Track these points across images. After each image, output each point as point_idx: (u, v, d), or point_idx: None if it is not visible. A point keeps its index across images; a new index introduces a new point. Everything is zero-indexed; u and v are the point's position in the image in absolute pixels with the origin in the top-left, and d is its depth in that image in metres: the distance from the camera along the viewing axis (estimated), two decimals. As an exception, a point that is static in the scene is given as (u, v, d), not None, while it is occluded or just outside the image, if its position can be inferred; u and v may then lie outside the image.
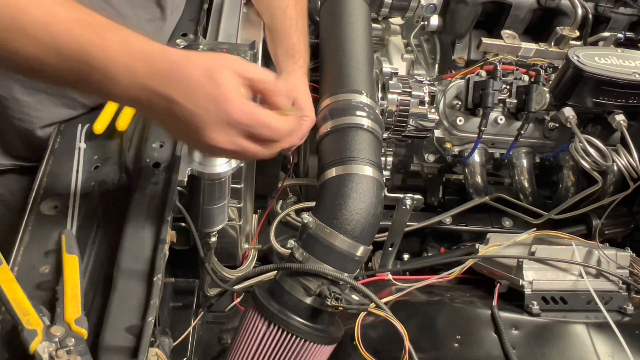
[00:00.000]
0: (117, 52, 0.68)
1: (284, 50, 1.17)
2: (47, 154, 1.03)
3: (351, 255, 0.95)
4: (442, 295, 1.16)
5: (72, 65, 0.68)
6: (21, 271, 0.86)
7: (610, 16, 1.54)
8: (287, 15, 1.18)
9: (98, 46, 0.68)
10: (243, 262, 1.35)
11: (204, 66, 0.69)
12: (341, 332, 0.98)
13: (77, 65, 0.68)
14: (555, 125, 1.43)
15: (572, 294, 1.13)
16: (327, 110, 1.10)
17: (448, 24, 1.52)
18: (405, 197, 1.27)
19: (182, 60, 0.70)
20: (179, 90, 0.68)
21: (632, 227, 1.53)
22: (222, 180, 1.01)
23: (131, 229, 0.90)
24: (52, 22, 0.67)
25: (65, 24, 0.67)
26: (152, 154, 1.00)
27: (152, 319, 0.79)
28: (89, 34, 0.68)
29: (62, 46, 0.67)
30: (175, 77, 0.69)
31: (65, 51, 0.67)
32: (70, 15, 0.68)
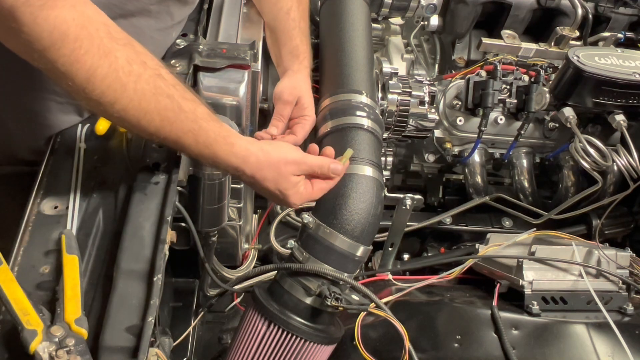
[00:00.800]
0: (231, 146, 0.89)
1: (288, 51, 1.18)
2: (47, 154, 1.03)
3: (351, 256, 0.95)
4: (442, 295, 1.16)
5: (200, 147, 0.87)
6: (21, 271, 0.86)
7: (610, 16, 1.54)
8: (290, 17, 1.18)
9: (222, 137, 0.88)
10: (243, 262, 1.35)
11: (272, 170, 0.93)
12: (341, 332, 0.98)
13: (203, 147, 0.87)
14: (555, 125, 1.43)
15: (572, 294, 1.13)
16: (327, 110, 1.10)
17: (448, 24, 1.52)
18: (405, 197, 1.27)
19: (263, 161, 0.92)
20: (256, 179, 0.93)
21: (632, 227, 1.54)
22: (222, 180, 1.01)
23: (131, 229, 0.90)
24: (196, 114, 0.85)
25: (205, 118, 0.86)
26: (152, 154, 1.00)
27: (152, 319, 0.79)
28: (217, 129, 0.88)
29: (201, 134, 0.86)
30: (258, 172, 0.92)
31: (201, 139, 0.86)
32: (205, 111, 0.87)
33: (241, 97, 1.07)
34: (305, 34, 1.20)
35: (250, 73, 1.11)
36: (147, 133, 0.84)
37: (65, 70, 0.74)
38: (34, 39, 0.72)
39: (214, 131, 0.88)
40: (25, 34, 0.71)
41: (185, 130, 0.85)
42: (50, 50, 0.73)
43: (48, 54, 0.73)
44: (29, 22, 0.70)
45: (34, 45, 0.72)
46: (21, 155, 1.09)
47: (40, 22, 0.71)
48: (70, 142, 1.05)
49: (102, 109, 0.80)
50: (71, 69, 0.74)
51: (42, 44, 0.72)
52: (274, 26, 1.21)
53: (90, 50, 0.74)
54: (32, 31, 0.71)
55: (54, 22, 0.71)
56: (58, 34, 0.72)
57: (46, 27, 0.71)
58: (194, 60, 1.07)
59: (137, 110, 0.80)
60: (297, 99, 1.11)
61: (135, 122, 0.82)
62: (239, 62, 1.09)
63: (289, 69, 1.16)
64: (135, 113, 0.81)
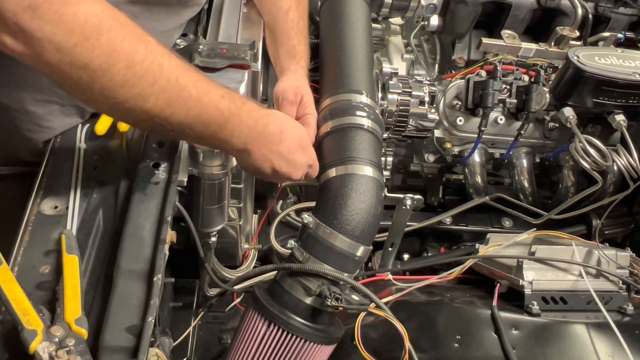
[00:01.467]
0: (246, 118, 0.90)
1: (285, 51, 1.18)
2: (47, 154, 1.03)
3: (351, 256, 0.95)
4: (442, 295, 1.16)
5: (210, 129, 0.86)
6: (21, 271, 0.86)
7: (610, 16, 1.54)
8: (289, 17, 1.19)
9: (237, 115, 0.88)
10: (243, 262, 1.35)
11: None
12: (341, 332, 0.98)
13: (214, 129, 0.87)
14: (555, 125, 1.43)
15: (572, 294, 1.13)
16: (327, 110, 1.10)
17: (448, 24, 1.52)
18: (405, 197, 1.27)
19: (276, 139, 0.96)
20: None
21: (632, 227, 1.54)
22: (222, 180, 1.01)
23: (131, 229, 0.90)
24: (205, 98, 0.83)
25: (216, 100, 0.85)
26: (152, 154, 1.00)
27: (152, 319, 0.79)
28: (233, 107, 0.88)
29: (209, 116, 0.85)
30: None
31: (210, 120, 0.85)
32: (217, 92, 0.86)
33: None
34: (303, 34, 1.20)
35: (250, 73, 1.11)
36: (179, 116, 0.82)
37: (102, 62, 0.72)
38: (61, 37, 0.68)
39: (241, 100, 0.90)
40: (50, 34, 0.68)
41: (219, 95, 0.86)
42: (84, 44, 0.70)
43: (80, 49, 0.70)
44: (54, 20, 0.68)
45: (63, 44, 0.69)
46: (21, 156, 1.09)
47: (69, 19, 0.68)
48: (70, 142, 1.05)
49: (137, 93, 0.77)
50: (110, 59, 0.72)
51: (73, 40, 0.69)
52: (272, 26, 1.21)
53: (126, 37, 0.73)
54: (58, 29, 0.68)
55: (84, 17, 0.69)
56: (91, 27, 0.70)
57: (76, 22, 0.69)
58: (194, 60, 1.07)
59: (174, 88, 0.80)
60: (300, 98, 1.11)
61: (173, 101, 0.80)
62: (239, 62, 1.09)
63: (287, 69, 1.16)
64: (173, 92, 0.80)
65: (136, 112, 0.79)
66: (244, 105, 0.90)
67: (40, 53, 0.69)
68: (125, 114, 0.80)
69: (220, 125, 0.87)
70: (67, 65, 0.71)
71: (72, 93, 0.78)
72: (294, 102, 1.11)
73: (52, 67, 0.71)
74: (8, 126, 1.04)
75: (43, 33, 0.68)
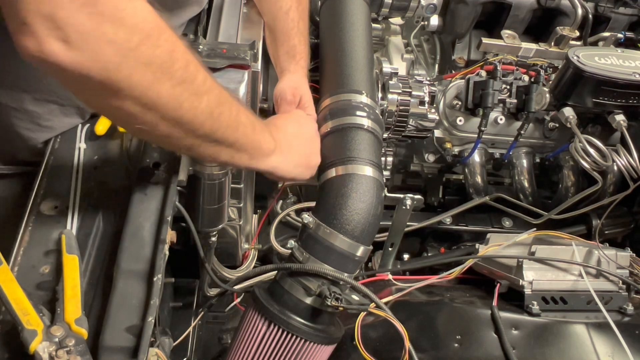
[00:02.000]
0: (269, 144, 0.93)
1: (285, 51, 1.18)
2: (47, 154, 1.03)
3: (351, 256, 0.95)
4: (442, 295, 1.16)
5: (248, 129, 0.86)
6: (21, 271, 0.87)
7: (610, 16, 1.54)
8: (289, 17, 1.19)
9: (266, 141, 0.92)
10: (243, 262, 1.35)
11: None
12: (341, 332, 0.98)
13: (251, 128, 0.86)
14: (555, 125, 1.43)
15: (572, 294, 1.13)
16: (327, 110, 1.10)
17: (448, 24, 1.52)
18: (405, 197, 1.27)
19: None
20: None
21: (632, 227, 1.53)
22: (222, 180, 1.01)
23: (131, 229, 0.90)
24: (236, 100, 0.83)
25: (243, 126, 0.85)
26: (152, 154, 1.00)
27: (152, 319, 0.79)
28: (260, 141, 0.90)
29: (244, 115, 0.85)
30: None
31: (246, 118, 0.85)
32: (249, 119, 0.86)
33: (241, 97, 1.07)
34: (303, 34, 1.20)
35: (250, 73, 1.10)
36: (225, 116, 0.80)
37: (163, 61, 0.67)
38: (123, 35, 0.62)
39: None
40: (111, 33, 0.61)
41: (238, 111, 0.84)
42: (147, 42, 0.64)
43: (143, 47, 0.64)
44: (115, 16, 0.61)
45: (125, 43, 0.62)
46: (21, 156, 1.09)
47: (129, 14, 0.62)
48: (70, 142, 1.05)
49: (193, 92, 0.73)
50: (171, 57, 0.68)
51: (136, 38, 0.63)
52: (272, 26, 1.21)
53: (173, 32, 0.69)
54: (120, 26, 0.61)
55: (142, 13, 0.64)
56: (151, 24, 0.65)
57: (137, 19, 0.63)
58: (194, 60, 1.07)
59: (218, 87, 0.78)
60: (299, 98, 1.11)
61: (221, 100, 0.78)
62: (239, 62, 1.09)
63: (286, 69, 1.16)
64: (217, 91, 0.78)
65: (189, 115, 0.73)
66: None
67: (97, 58, 0.61)
68: (178, 120, 0.73)
69: (253, 124, 0.87)
70: (127, 67, 0.64)
71: (126, 106, 0.68)
72: (292, 102, 1.11)
73: (108, 73, 0.63)
74: (8, 126, 1.04)
75: (103, 31, 0.60)
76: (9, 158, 1.10)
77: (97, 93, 0.67)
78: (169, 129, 0.75)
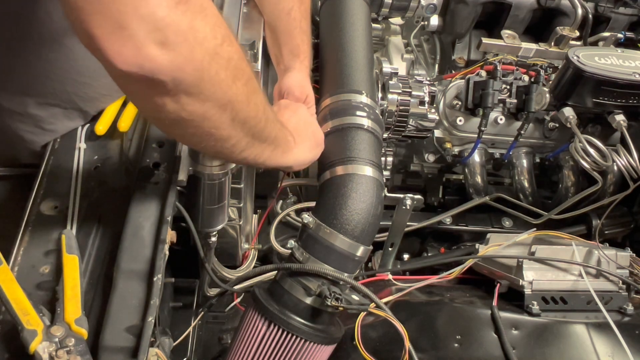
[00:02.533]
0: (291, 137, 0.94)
1: (289, 50, 1.18)
2: (47, 154, 1.03)
3: (351, 256, 0.95)
4: (442, 295, 1.16)
5: (278, 149, 0.89)
6: (21, 271, 0.87)
7: (610, 16, 1.54)
8: (291, 16, 1.18)
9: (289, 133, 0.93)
10: (243, 262, 1.35)
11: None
12: (341, 332, 0.98)
13: (279, 150, 0.89)
14: (555, 125, 1.43)
15: (572, 294, 1.13)
16: (328, 110, 1.10)
17: (448, 24, 1.51)
18: (405, 197, 1.27)
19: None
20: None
21: (632, 227, 1.53)
22: (222, 180, 1.01)
23: (131, 229, 0.90)
24: (270, 122, 0.84)
25: (276, 122, 0.87)
26: (152, 154, 1.00)
27: (152, 319, 0.79)
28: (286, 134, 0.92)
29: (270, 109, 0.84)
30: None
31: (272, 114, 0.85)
32: (274, 113, 0.87)
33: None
34: (306, 33, 1.20)
35: (250, 73, 1.10)
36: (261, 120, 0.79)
37: (238, 58, 0.67)
38: (209, 33, 0.61)
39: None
40: (202, 32, 0.60)
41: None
42: (227, 40, 0.64)
43: (226, 45, 0.63)
44: (202, 14, 0.59)
45: (211, 40, 0.61)
46: (22, 159, 1.09)
47: (212, 12, 0.61)
48: (70, 142, 1.05)
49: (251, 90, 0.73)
50: (241, 55, 0.68)
51: (220, 35, 0.62)
52: (274, 26, 1.21)
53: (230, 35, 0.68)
54: (206, 24, 0.60)
55: (216, 12, 0.63)
56: (225, 23, 0.64)
57: (218, 17, 0.62)
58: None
59: (258, 90, 0.77)
60: (306, 97, 1.11)
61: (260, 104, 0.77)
62: (239, 62, 1.09)
63: (291, 67, 1.16)
64: (260, 93, 0.77)
65: (254, 110, 0.74)
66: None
67: (193, 56, 0.59)
68: (245, 117, 0.73)
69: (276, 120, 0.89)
70: (215, 65, 0.63)
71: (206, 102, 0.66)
72: (300, 98, 1.11)
73: (201, 73, 0.61)
74: (11, 129, 1.04)
75: (196, 29, 0.58)
76: (10, 160, 1.10)
77: (181, 99, 0.63)
78: (234, 130, 0.73)
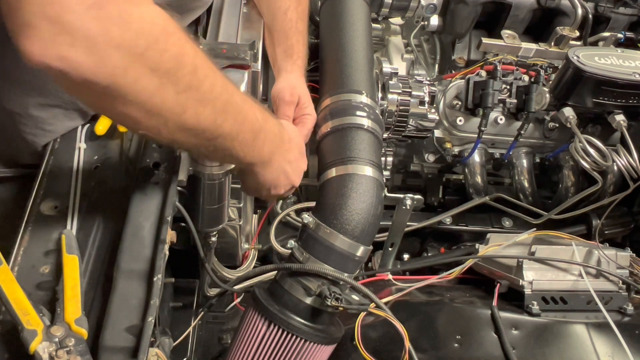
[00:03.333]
0: (271, 127, 0.91)
1: (283, 50, 1.18)
2: (47, 154, 1.03)
3: (351, 256, 0.95)
4: (442, 295, 1.16)
5: (249, 137, 0.85)
6: (21, 271, 0.86)
7: (610, 16, 1.54)
8: (287, 17, 1.19)
9: (266, 122, 0.89)
10: (243, 262, 1.35)
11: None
12: (341, 332, 0.98)
13: (251, 137, 0.85)
14: (555, 125, 1.43)
15: (572, 294, 1.13)
16: (328, 111, 1.10)
17: (448, 24, 1.52)
18: (405, 197, 1.27)
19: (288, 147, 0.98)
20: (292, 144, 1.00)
21: (632, 227, 1.53)
22: (222, 180, 1.01)
23: (131, 229, 0.90)
24: (245, 105, 0.82)
25: (253, 108, 0.84)
26: (152, 154, 1.00)
27: (152, 319, 0.79)
28: (263, 114, 0.88)
29: (250, 124, 0.84)
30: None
31: (251, 128, 0.85)
32: (250, 99, 0.85)
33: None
34: (302, 34, 1.20)
35: (250, 73, 1.10)
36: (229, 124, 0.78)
37: (170, 66, 0.66)
38: (130, 40, 0.61)
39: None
40: (118, 37, 0.60)
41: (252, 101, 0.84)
42: (154, 47, 0.63)
43: (151, 52, 0.63)
44: (122, 20, 0.60)
45: (132, 48, 0.61)
46: (22, 159, 1.09)
47: (137, 19, 0.61)
48: (70, 142, 1.05)
49: (198, 99, 0.72)
50: (178, 63, 0.67)
51: (142, 42, 0.62)
52: (271, 25, 1.21)
53: (186, 39, 0.69)
54: (127, 30, 0.60)
55: (150, 18, 0.63)
56: (159, 28, 0.64)
57: (145, 23, 0.62)
58: (194, 60, 1.07)
59: (226, 93, 0.76)
60: (298, 98, 1.11)
61: (226, 107, 0.77)
62: (239, 62, 1.09)
63: (283, 69, 1.16)
64: (225, 97, 0.76)
65: (192, 121, 0.72)
66: (266, 113, 0.89)
67: (103, 63, 0.60)
68: (181, 126, 0.73)
69: (256, 133, 0.86)
70: (133, 72, 0.63)
71: (127, 109, 0.67)
72: (291, 102, 1.11)
73: (114, 78, 0.62)
74: (11, 130, 1.04)
75: (110, 36, 0.59)
76: (10, 161, 1.10)
77: (102, 98, 0.65)
78: (171, 135, 0.74)
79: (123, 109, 0.67)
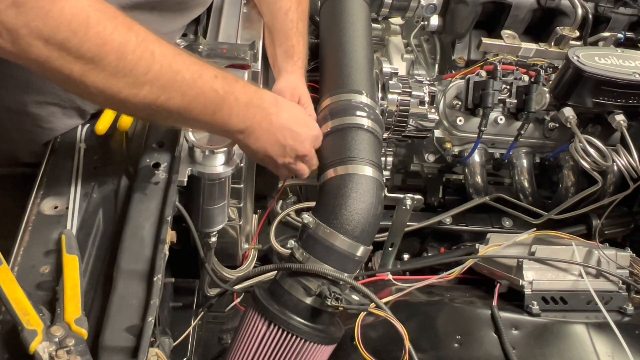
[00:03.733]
0: (241, 95, 0.90)
1: (283, 50, 1.18)
2: (48, 154, 1.03)
3: (351, 256, 0.95)
4: (442, 295, 1.16)
5: (208, 111, 0.86)
6: (21, 271, 0.86)
7: (610, 16, 1.54)
8: (288, 17, 1.19)
9: (231, 93, 0.88)
10: (243, 262, 1.35)
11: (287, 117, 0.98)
12: (341, 332, 0.98)
13: (212, 111, 0.86)
14: (555, 125, 1.43)
15: (572, 294, 1.13)
16: (328, 111, 1.10)
17: (448, 24, 1.52)
18: (405, 197, 1.27)
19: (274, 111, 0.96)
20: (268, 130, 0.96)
21: (632, 227, 1.54)
22: (222, 180, 1.01)
23: (131, 229, 0.90)
24: (199, 80, 0.83)
25: (210, 81, 0.85)
26: (152, 154, 1.00)
27: (152, 319, 0.79)
28: (227, 86, 0.87)
29: (205, 98, 0.84)
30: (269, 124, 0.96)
31: (207, 101, 0.85)
32: (210, 73, 0.85)
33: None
34: (302, 34, 1.20)
35: (250, 73, 1.11)
36: (175, 101, 0.82)
37: (92, 56, 0.72)
38: (48, 33, 0.68)
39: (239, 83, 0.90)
40: (37, 31, 0.68)
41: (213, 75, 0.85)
42: (73, 39, 0.70)
43: (69, 44, 0.70)
44: (40, 16, 0.67)
45: (51, 40, 0.69)
46: (21, 158, 1.09)
47: (55, 14, 0.68)
48: (70, 142, 1.05)
49: (131, 83, 0.77)
50: (100, 52, 0.72)
51: (61, 35, 0.69)
52: (271, 26, 1.21)
53: (117, 28, 0.73)
54: (45, 25, 0.68)
55: (70, 12, 0.69)
56: (78, 21, 0.70)
57: (63, 18, 0.69)
58: (194, 60, 1.07)
59: (168, 74, 0.79)
60: (298, 99, 1.11)
61: (168, 86, 0.80)
62: (239, 62, 1.09)
63: (283, 70, 1.16)
64: (167, 77, 0.79)
65: (131, 101, 0.78)
66: (237, 83, 0.90)
67: (28, 51, 0.69)
68: (121, 104, 0.80)
69: (217, 105, 0.87)
70: (56, 61, 0.71)
71: (66, 87, 0.79)
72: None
73: (41, 64, 0.71)
74: (10, 128, 1.04)
75: (29, 30, 0.68)
76: (10, 159, 1.10)
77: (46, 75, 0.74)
78: (121, 109, 0.91)
79: (66, 87, 0.78)
